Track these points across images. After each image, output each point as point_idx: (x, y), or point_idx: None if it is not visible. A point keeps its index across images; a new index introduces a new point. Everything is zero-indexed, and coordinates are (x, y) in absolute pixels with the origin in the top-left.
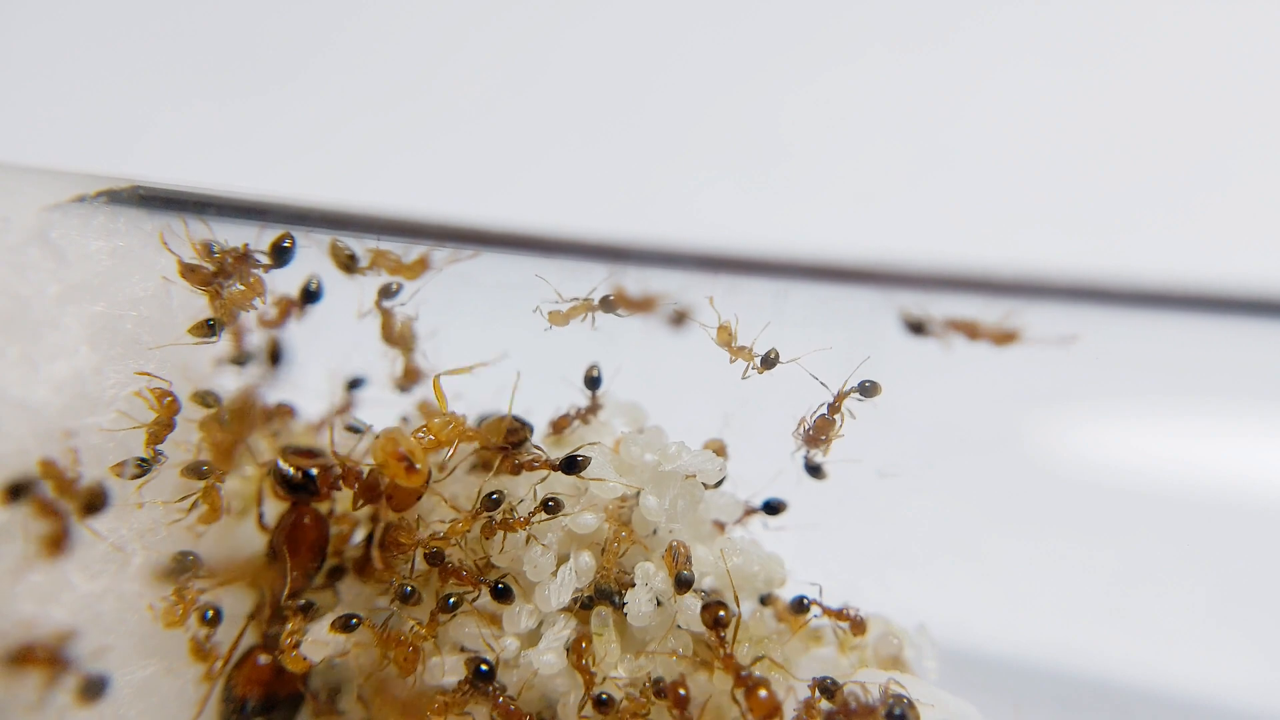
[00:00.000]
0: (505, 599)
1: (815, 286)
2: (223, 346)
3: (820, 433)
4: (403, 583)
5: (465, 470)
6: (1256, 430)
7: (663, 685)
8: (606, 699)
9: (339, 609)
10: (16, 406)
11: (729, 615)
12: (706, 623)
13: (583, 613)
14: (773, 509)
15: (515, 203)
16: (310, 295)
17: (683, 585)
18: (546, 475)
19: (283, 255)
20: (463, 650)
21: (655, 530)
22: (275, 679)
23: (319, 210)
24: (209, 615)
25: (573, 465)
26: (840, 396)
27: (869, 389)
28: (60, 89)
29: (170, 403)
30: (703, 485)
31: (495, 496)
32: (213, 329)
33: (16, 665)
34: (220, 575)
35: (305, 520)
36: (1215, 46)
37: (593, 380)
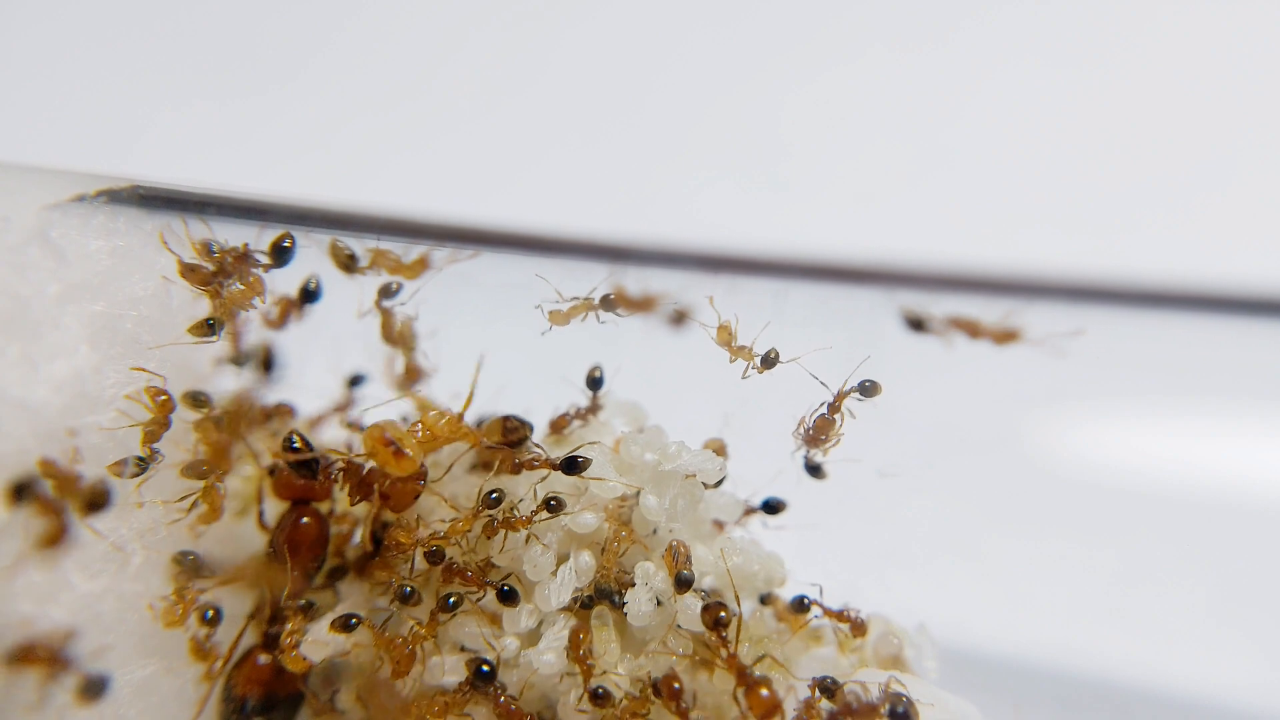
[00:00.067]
0: (510, 601)
1: (815, 286)
2: (222, 346)
3: (820, 432)
4: (402, 583)
5: (465, 470)
6: (1256, 430)
7: (658, 689)
8: (603, 692)
9: (339, 609)
10: (16, 406)
11: (729, 616)
12: (707, 623)
13: (583, 612)
14: (772, 508)
15: (515, 203)
16: (309, 295)
17: (683, 585)
18: (547, 475)
19: (283, 255)
20: (463, 650)
21: (655, 530)
22: (275, 679)
23: (319, 210)
24: (209, 615)
25: (573, 465)
26: (840, 396)
27: (869, 389)
28: (60, 89)
29: (165, 401)
30: (703, 485)
31: (495, 495)
32: (212, 328)
33: (16, 664)
34: (220, 575)
35: (305, 520)
36: (1215, 46)
37: (595, 381)
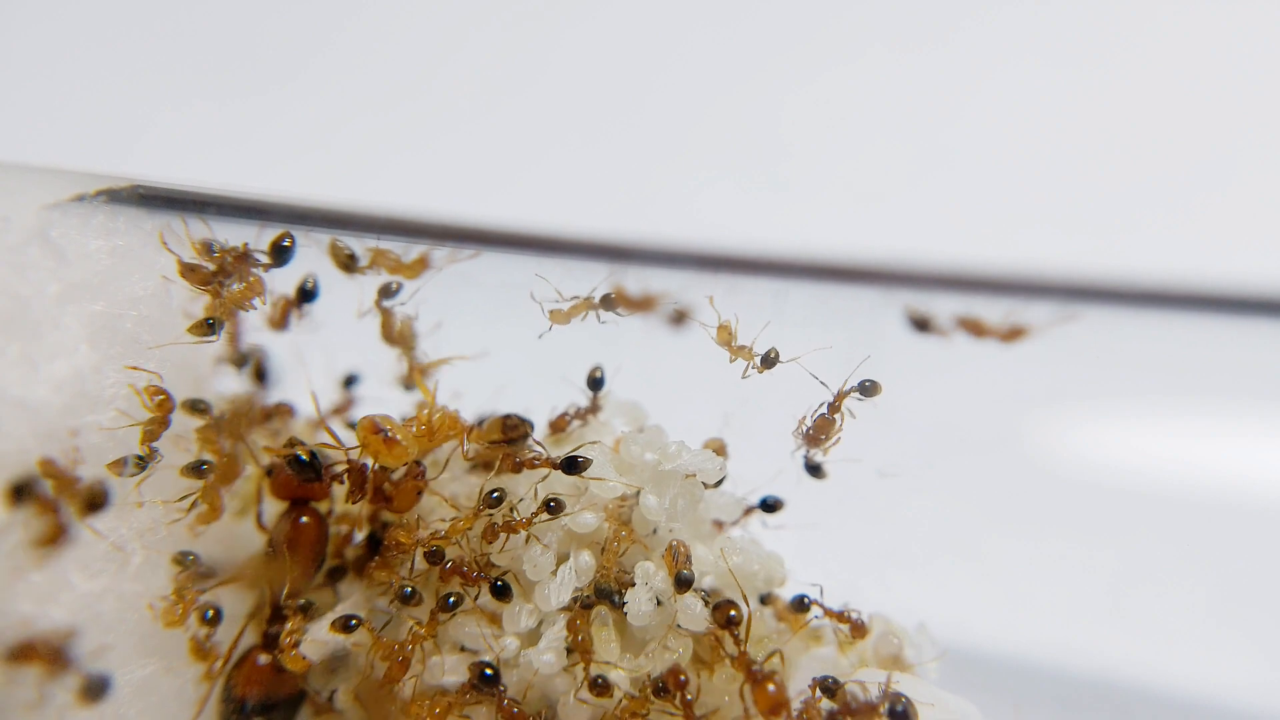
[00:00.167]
0: (504, 596)
1: (815, 286)
2: (222, 347)
3: (820, 432)
4: (403, 583)
5: (465, 470)
6: (1256, 430)
7: (663, 684)
8: (603, 682)
9: (339, 609)
10: (16, 405)
11: (740, 614)
12: (719, 623)
13: (583, 612)
14: (770, 507)
15: (515, 203)
16: (307, 294)
17: (683, 584)
18: (547, 474)
19: (282, 254)
20: (463, 650)
21: (655, 529)
22: (275, 679)
23: (319, 210)
24: (209, 615)
25: (573, 465)
26: (840, 396)
27: (869, 388)
28: (60, 89)
29: (164, 401)
30: (703, 485)
31: (497, 495)
32: (212, 328)
33: (16, 663)
34: (221, 575)
35: (304, 520)
36: (1215, 46)
37: (595, 381)
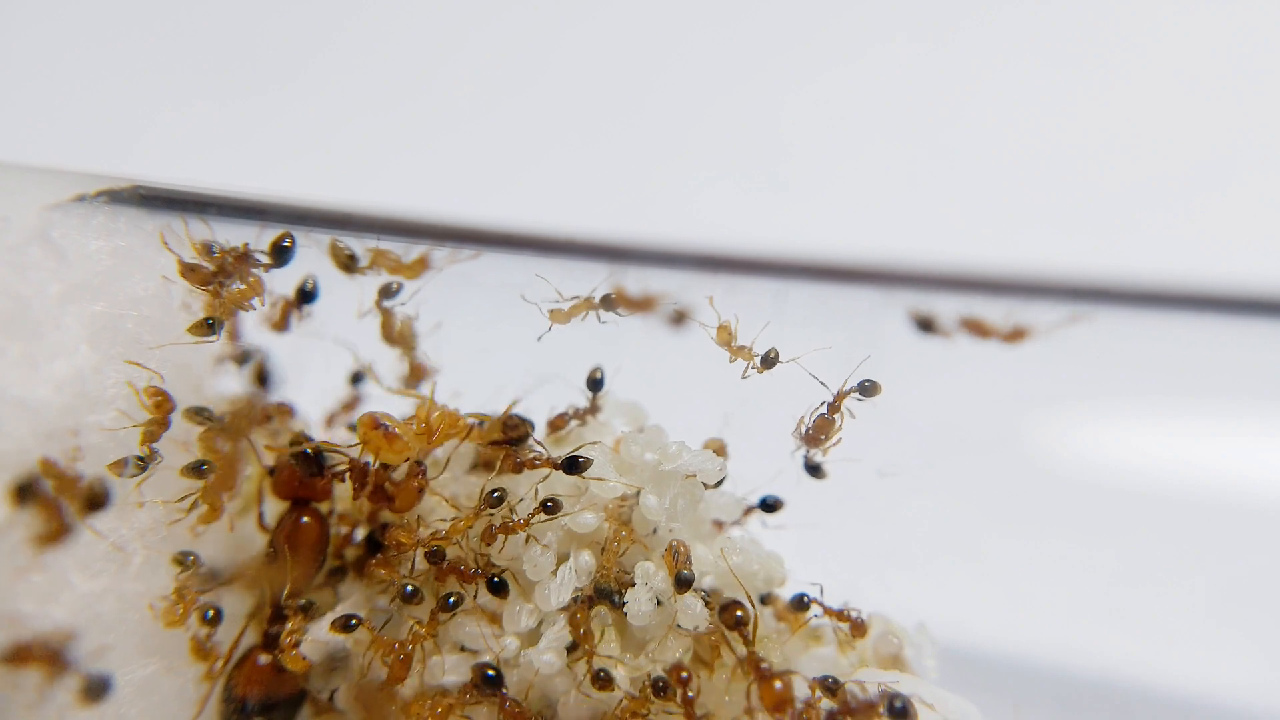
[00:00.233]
0: (501, 593)
1: (815, 286)
2: (222, 347)
3: (820, 432)
4: (404, 581)
5: (465, 470)
6: (1256, 430)
7: (663, 683)
8: (605, 675)
9: (339, 609)
10: (17, 405)
11: (747, 614)
12: (728, 624)
13: (586, 604)
14: (769, 506)
15: (515, 203)
16: (306, 295)
17: (683, 584)
18: (548, 474)
19: (283, 255)
20: (463, 650)
21: (655, 529)
22: (275, 678)
23: (319, 210)
24: (210, 615)
25: (574, 465)
26: (840, 396)
27: (869, 389)
28: (60, 89)
29: (163, 401)
30: (703, 485)
31: (498, 494)
32: (212, 328)
33: (16, 662)
34: (222, 575)
35: (306, 520)
36: (1215, 46)
37: (595, 382)
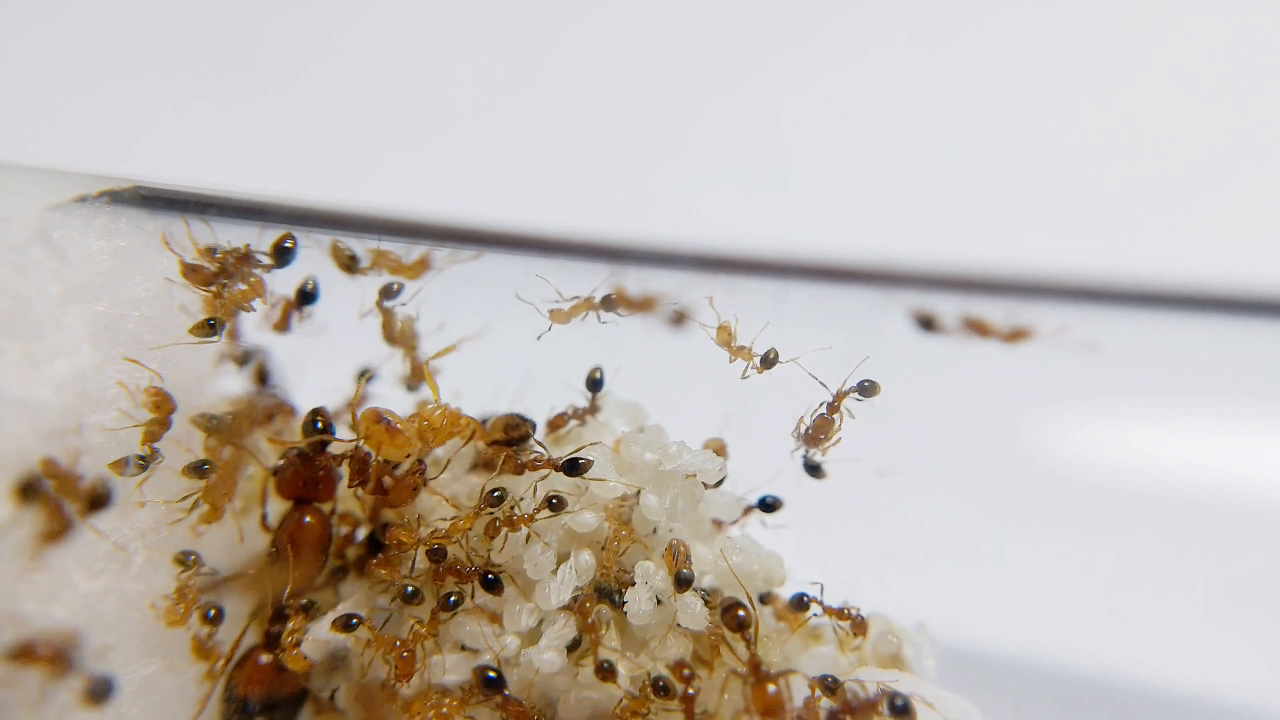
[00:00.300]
0: (495, 590)
1: (815, 286)
2: (223, 347)
3: (819, 432)
4: (405, 581)
5: (466, 470)
6: (1256, 430)
7: (663, 683)
8: (609, 666)
9: (340, 608)
10: (17, 406)
11: (749, 616)
12: (730, 626)
13: (592, 594)
14: (768, 506)
15: (515, 203)
16: (307, 296)
17: (682, 584)
18: (548, 474)
19: (284, 255)
20: (464, 649)
21: (655, 529)
22: (276, 678)
23: (319, 210)
24: (211, 614)
25: (574, 467)
26: (839, 396)
27: (868, 389)
28: (60, 89)
29: (163, 401)
30: (703, 485)
31: (498, 493)
32: (213, 328)
33: (18, 662)
34: (223, 576)
35: (308, 519)
36: (1215, 46)
37: (595, 383)
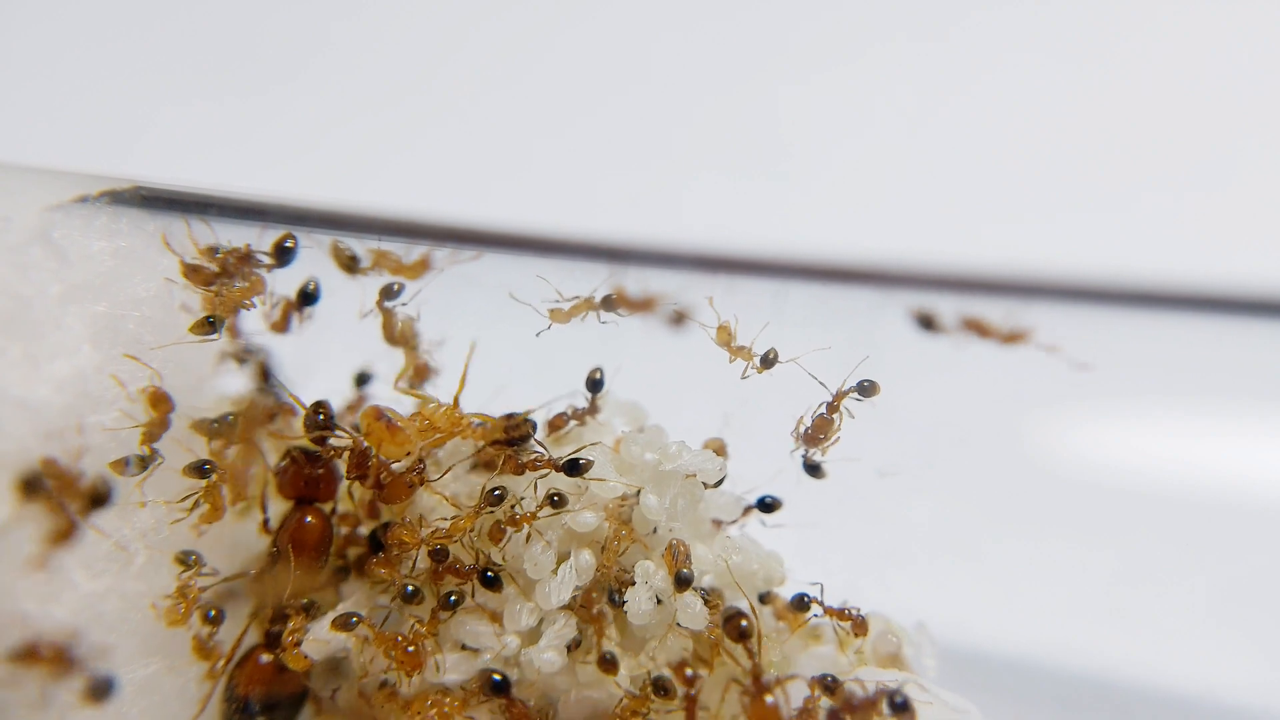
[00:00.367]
0: (494, 587)
1: (815, 286)
2: (224, 346)
3: (819, 432)
4: (405, 581)
5: (466, 470)
6: (1256, 430)
7: (664, 683)
8: (611, 658)
9: (340, 608)
10: (18, 405)
11: (752, 626)
12: (732, 636)
13: (583, 611)
14: (767, 506)
15: (515, 202)
16: (308, 297)
17: (682, 583)
18: (548, 473)
19: (285, 255)
20: (464, 648)
21: (655, 529)
22: (277, 677)
23: (319, 210)
24: (212, 614)
25: (575, 467)
26: (839, 396)
27: (867, 388)
28: (60, 89)
29: (162, 401)
30: (703, 484)
31: (499, 492)
32: (213, 326)
33: (21, 663)
34: (225, 576)
35: (309, 519)
36: (1215, 46)
37: (595, 383)
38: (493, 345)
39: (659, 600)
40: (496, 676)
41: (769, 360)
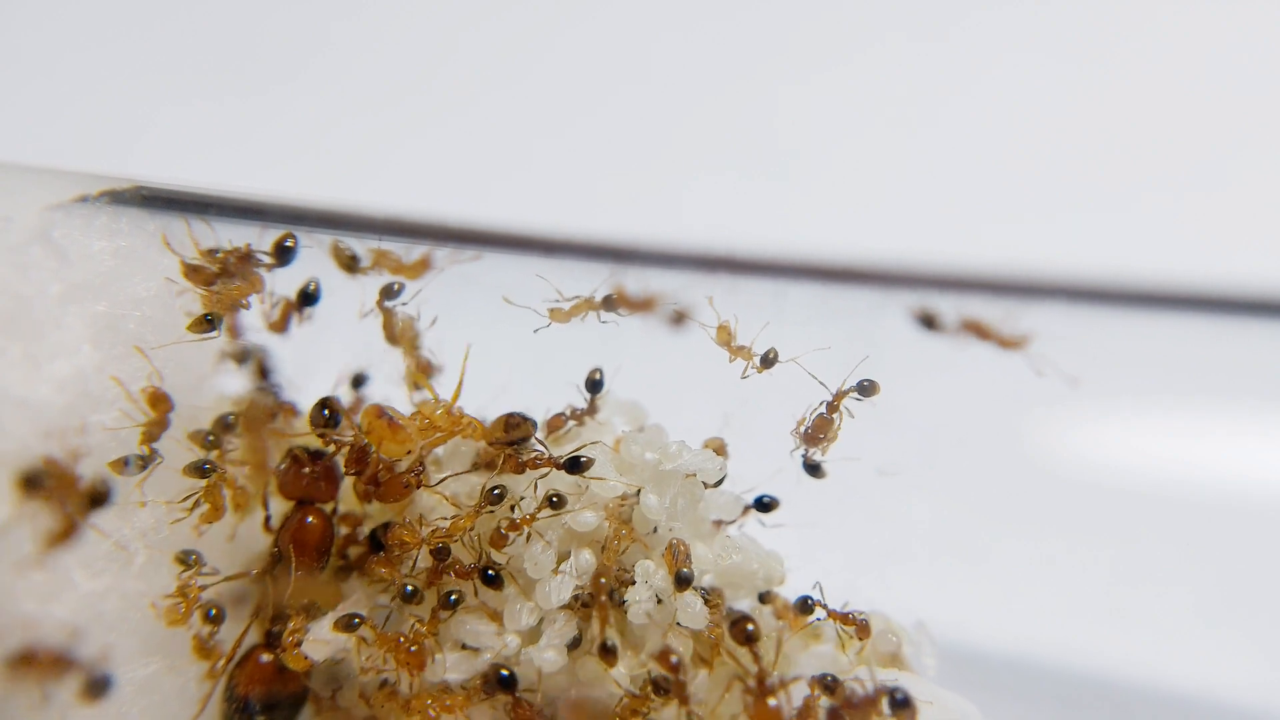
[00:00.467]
0: (494, 585)
1: (815, 286)
2: (223, 346)
3: (819, 431)
4: (405, 581)
5: (466, 469)
6: (1256, 430)
7: (664, 682)
8: (611, 647)
9: (341, 607)
10: (18, 405)
11: (758, 631)
12: (738, 640)
13: (583, 610)
14: (764, 506)
15: (515, 201)
16: (308, 297)
17: (682, 583)
18: (548, 473)
19: (286, 254)
20: (464, 648)
21: (655, 528)
22: (277, 678)
23: (319, 210)
24: (212, 613)
25: (576, 465)
26: (839, 396)
27: (867, 388)
28: (60, 89)
29: (161, 401)
30: (703, 484)
31: (498, 492)
32: (211, 324)
33: (21, 664)
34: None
35: (310, 519)
36: (1215, 46)
37: (594, 384)
38: (493, 345)
39: (659, 600)
40: (505, 672)
41: (769, 360)
